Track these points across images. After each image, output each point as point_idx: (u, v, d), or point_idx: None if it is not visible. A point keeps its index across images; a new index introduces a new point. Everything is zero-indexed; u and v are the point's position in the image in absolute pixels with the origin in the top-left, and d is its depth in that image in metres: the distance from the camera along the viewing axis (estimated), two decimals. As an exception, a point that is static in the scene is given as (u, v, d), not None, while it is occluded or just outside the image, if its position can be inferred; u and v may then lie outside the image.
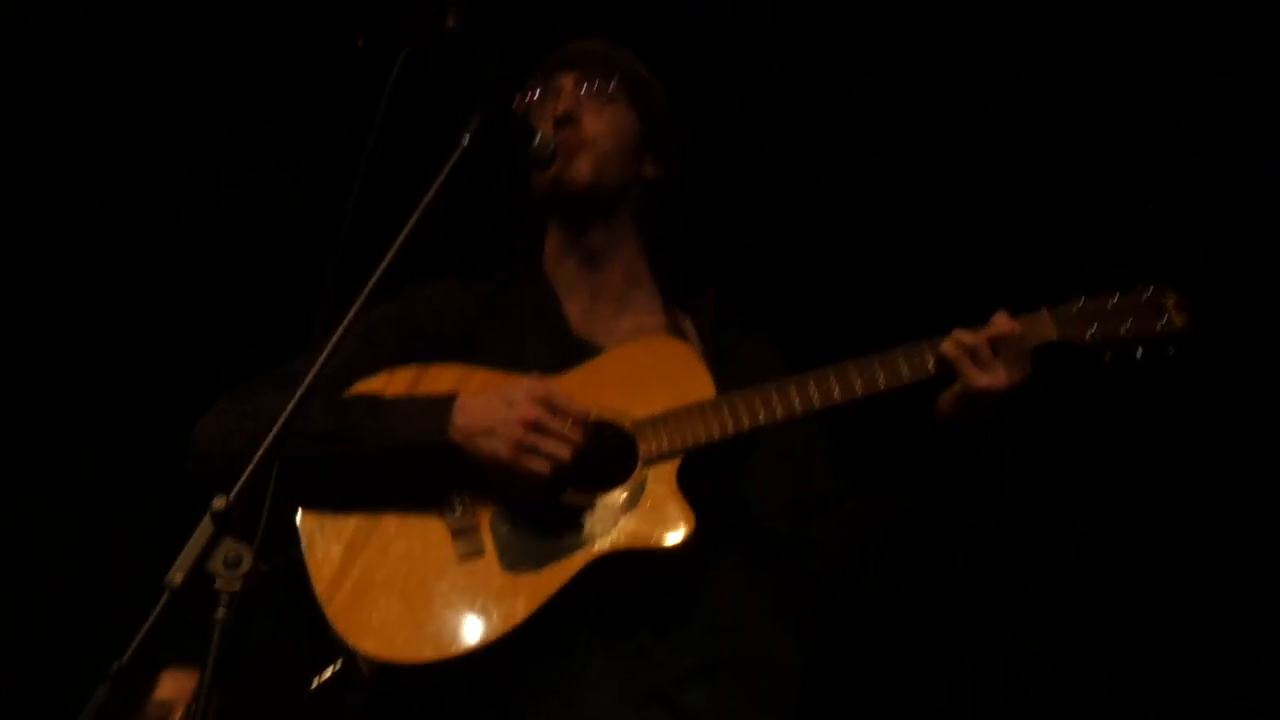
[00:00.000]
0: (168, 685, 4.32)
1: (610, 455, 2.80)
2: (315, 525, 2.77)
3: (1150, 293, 2.96)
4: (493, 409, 2.76)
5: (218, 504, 2.16)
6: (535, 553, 2.73)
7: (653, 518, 2.74)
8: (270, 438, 2.33)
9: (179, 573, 2.11)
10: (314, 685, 3.48)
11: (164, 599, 2.11)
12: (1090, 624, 4.59)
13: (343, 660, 2.80)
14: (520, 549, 2.74)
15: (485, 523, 2.77)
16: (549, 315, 3.07)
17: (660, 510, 2.75)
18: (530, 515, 2.77)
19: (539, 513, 2.76)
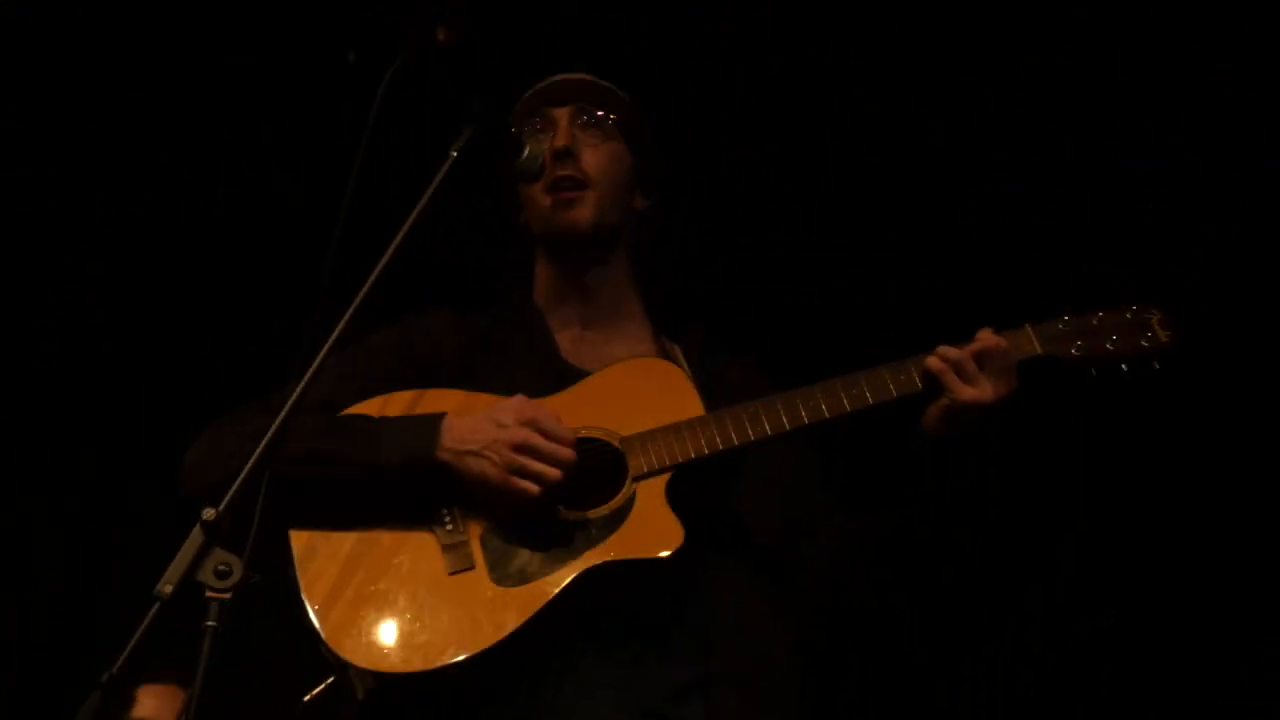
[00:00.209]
0: (146, 703, 4.29)
1: (600, 472, 2.82)
2: (307, 542, 2.79)
3: (1135, 310, 2.98)
4: (480, 429, 2.78)
5: (207, 514, 2.18)
6: (526, 566, 2.76)
7: (642, 530, 2.76)
8: (262, 446, 2.33)
9: (169, 583, 2.11)
10: (306, 700, 3.50)
11: (154, 609, 2.12)
12: (1090, 624, 4.59)
13: (335, 675, 2.82)
14: (511, 563, 2.76)
15: (476, 537, 2.79)
16: (541, 346, 3.10)
17: (650, 523, 2.77)
18: (520, 530, 2.79)
19: (529, 528, 2.78)
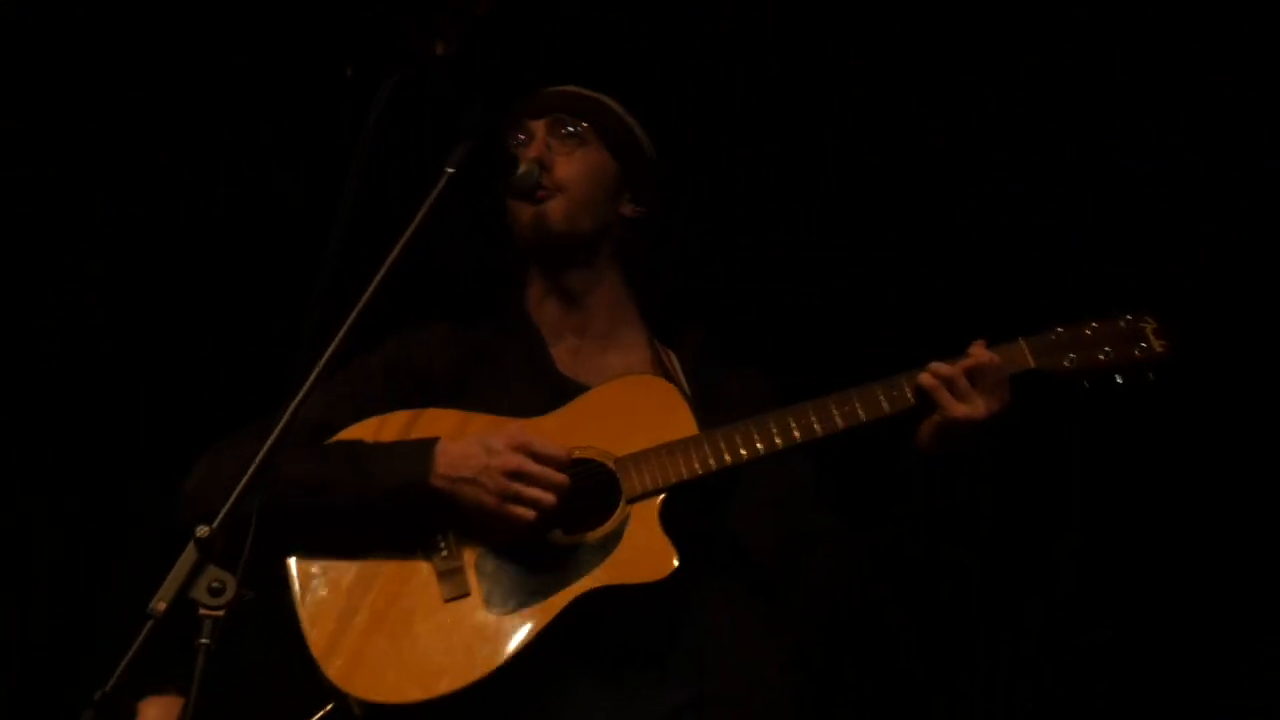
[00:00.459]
0: (150, 714, 4.29)
1: (593, 494, 2.83)
2: (303, 570, 2.81)
3: (1129, 319, 2.97)
4: (473, 455, 2.79)
5: (201, 532, 2.18)
6: (520, 592, 2.77)
7: (635, 555, 2.77)
8: (256, 461, 2.34)
9: (162, 600, 2.12)
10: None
11: (148, 627, 2.12)
12: (1088, 637, 4.58)
13: (334, 704, 2.83)
14: (505, 589, 2.77)
15: (470, 563, 2.80)
16: (536, 358, 3.11)
17: (643, 547, 2.77)
18: (515, 555, 2.80)
19: (523, 553, 2.80)
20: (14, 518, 5.16)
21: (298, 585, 2.78)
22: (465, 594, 2.77)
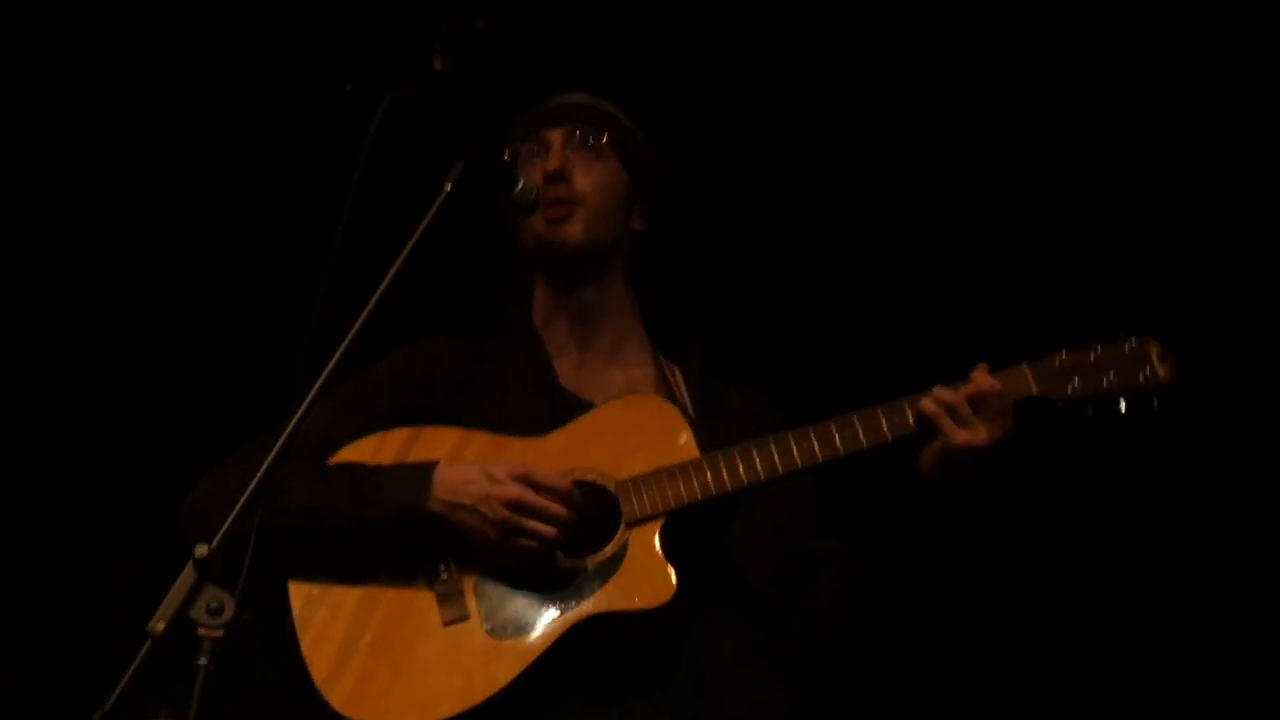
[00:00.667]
0: None
1: (594, 517, 2.81)
2: (304, 594, 2.81)
3: (1133, 343, 2.92)
4: (473, 482, 2.78)
5: (200, 551, 2.17)
6: (519, 617, 2.76)
7: (634, 580, 2.76)
8: (256, 478, 2.33)
9: (161, 620, 2.11)
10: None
11: (146, 647, 2.12)
12: (1092, 661, 4.57)
13: None
14: (504, 614, 2.77)
15: (470, 588, 2.79)
16: (540, 372, 3.09)
17: (642, 573, 2.76)
18: (514, 579, 2.80)
19: (522, 578, 2.78)
20: (14, 518, 5.16)
21: (298, 609, 2.78)
22: (465, 617, 2.76)
